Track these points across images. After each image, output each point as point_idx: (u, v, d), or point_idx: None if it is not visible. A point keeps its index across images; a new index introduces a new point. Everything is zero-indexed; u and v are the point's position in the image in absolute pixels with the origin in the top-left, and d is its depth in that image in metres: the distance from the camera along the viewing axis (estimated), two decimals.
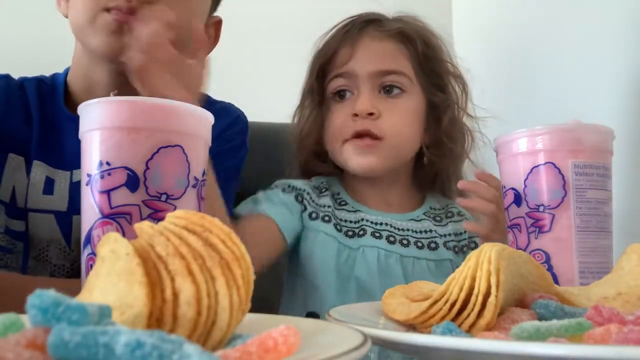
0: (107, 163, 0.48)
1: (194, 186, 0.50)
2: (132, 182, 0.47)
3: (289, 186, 0.88)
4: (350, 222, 0.88)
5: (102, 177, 0.48)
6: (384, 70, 0.85)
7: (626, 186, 0.82)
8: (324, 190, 0.90)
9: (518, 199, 0.62)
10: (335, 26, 0.92)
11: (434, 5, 0.99)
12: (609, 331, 0.32)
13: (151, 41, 0.62)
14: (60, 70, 0.83)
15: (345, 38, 0.88)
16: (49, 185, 0.73)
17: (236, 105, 0.91)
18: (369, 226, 0.86)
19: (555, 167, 0.60)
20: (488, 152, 0.87)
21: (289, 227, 0.85)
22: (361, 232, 0.86)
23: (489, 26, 1.30)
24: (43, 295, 0.25)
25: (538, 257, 0.59)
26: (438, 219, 0.91)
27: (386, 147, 0.84)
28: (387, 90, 0.86)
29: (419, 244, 0.87)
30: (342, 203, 0.90)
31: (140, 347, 0.22)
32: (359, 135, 0.84)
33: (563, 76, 1.08)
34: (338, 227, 0.87)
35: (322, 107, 0.89)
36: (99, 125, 0.49)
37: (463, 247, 0.90)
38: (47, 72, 0.84)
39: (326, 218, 0.87)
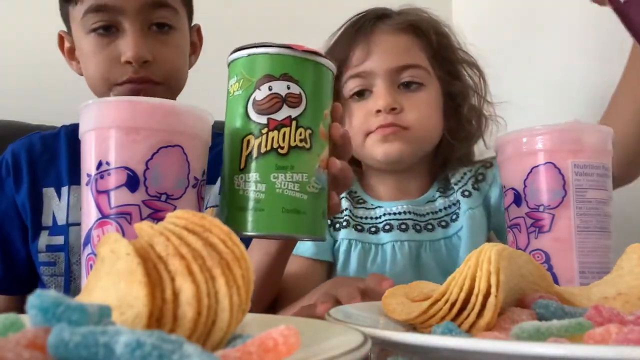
0: (107, 163, 0.48)
1: (193, 186, 0.50)
2: (132, 182, 0.47)
3: None
4: (371, 218, 0.87)
5: (101, 177, 0.48)
6: (402, 66, 0.85)
7: (626, 186, 0.82)
8: None
9: (518, 199, 0.62)
10: (343, 26, 0.91)
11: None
12: (609, 331, 0.32)
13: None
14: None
15: (357, 37, 0.87)
16: None
17: None
18: (394, 219, 0.86)
19: (555, 167, 0.59)
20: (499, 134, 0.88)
21: (322, 250, 0.85)
22: (387, 227, 0.86)
23: (488, 18, 1.30)
24: (43, 296, 0.25)
25: (538, 257, 0.59)
26: (448, 192, 0.90)
27: (412, 136, 0.84)
28: (406, 85, 0.85)
29: (443, 223, 0.87)
30: (360, 201, 0.90)
31: (140, 347, 0.22)
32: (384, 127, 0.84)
33: (562, 73, 1.08)
34: (359, 227, 0.86)
35: None
36: (98, 125, 0.49)
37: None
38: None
39: (344, 223, 0.87)
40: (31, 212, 0.83)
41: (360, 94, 0.86)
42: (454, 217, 0.87)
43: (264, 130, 0.50)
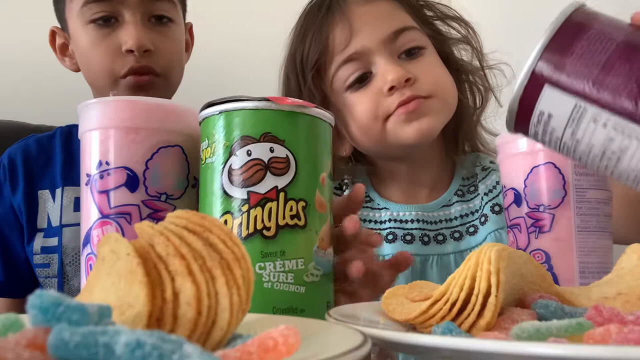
0: (107, 163, 0.48)
1: (193, 186, 0.50)
2: (132, 182, 0.47)
3: None
4: (375, 222, 0.81)
5: (101, 177, 0.48)
6: (394, 31, 0.74)
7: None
8: (344, 188, 0.82)
9: (518, 199, 0.62)
10: (301, 17, 0.81)
11: None
12: (609, 331, 0.32)
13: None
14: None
15: (331, 18, 0.76)
16: (78, 204, 0.83)
17: None
18: (398, 228, 0.78)
19: (556, 167, 0.60)
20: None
21: None
22: (390, 237, 0.78)
23: (488, 15, 1.30)
24: (43, 296, 0.25)
25: (538, 257, 0.59)
26: (468, 195, 0.82)
27: (438, 104, 0.74)
28: (408, 52, 0.75)
29: (456, 235, 0.78)
30: (367, 199, 0.82)
31: (140, 347, 0.22)
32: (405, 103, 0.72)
33: None
34: None
35: (330, 107, 0.76)
36: (98, 125, 0.49)
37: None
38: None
39: None
40: (26, 215, 0.84)
41: (361, 80, 0.74)
42: (470, 229, 0.78)
43: (245, 208, 0.41)
